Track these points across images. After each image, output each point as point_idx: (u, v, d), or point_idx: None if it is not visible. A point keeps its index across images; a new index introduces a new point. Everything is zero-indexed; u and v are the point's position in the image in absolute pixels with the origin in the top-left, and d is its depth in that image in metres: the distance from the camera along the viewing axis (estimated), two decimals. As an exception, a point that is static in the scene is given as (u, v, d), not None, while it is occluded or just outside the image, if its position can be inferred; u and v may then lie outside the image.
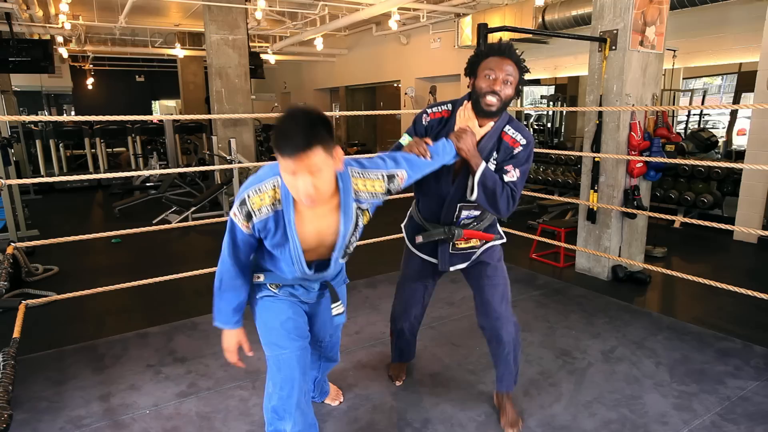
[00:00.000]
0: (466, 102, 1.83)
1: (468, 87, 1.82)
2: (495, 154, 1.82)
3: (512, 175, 1.78)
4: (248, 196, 1.42)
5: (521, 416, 2.07)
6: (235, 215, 1.45)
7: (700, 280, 2.88)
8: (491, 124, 1.80)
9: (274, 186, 1.42)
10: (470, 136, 1.74)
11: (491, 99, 1.72)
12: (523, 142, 1.81)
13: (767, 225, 4.84)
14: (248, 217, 1.44)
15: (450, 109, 1.88)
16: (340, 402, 2.18)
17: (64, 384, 2.35)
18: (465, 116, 1.81)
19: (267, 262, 1.60)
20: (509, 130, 1.82)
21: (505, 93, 1.73)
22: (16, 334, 2.33)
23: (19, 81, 10.93)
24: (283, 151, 1.28)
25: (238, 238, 1.50)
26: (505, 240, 2.05)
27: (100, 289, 2.98)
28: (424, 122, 1.88)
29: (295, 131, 1.27)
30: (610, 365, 2.51)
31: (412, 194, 2.05)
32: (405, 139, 1.85)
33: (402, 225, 2.17)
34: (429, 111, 1.89)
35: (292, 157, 1.27)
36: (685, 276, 2.99)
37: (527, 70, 1.79)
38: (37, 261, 4.22)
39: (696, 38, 6.23)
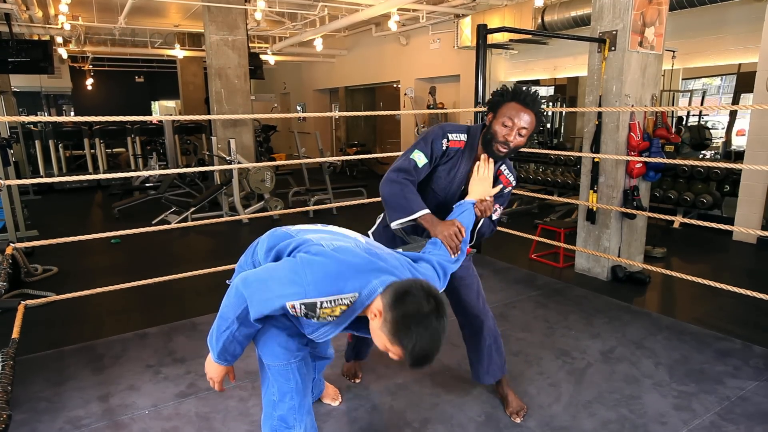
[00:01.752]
0: (485, 157, 1.86)
1: (486, 119, 1.86)
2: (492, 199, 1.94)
3: (498, 213, 1.95)
4: (321, 305, 1.29)
5: (524, 403, 2.15)
6: (294, 310, 1.30)
7: (700, 280, 2.88)
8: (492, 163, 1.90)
9: (351, 301, 1.31)
10: (491, 207, 1.85)
11: (502, 148, 1.81)
12: (513, 183, 1.98)
13: (766, 225, 4.84)
14: (309, 317, 1.33)
15: (465, 140, 1.89)
16: (340, 402, 2.18)
17: (63, 384, 2.35)
18: (483, 174, 1.84)
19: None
20: (505, 170, 1.95)
21: (516, 142, 1.80)
22: (15, 334, 2.33)
23: (19, 81, 10.92)
24: (409, 362, 1.25)
25: (275, 315, 1.40)
26: (475, 249, 2.08)
27: (99, 290, 2.98)
28: (443, 146, 1.87)
29: (434, 354, 1.26)
30: (609, 365, 2.51)
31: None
32: (420, 158, 1.84)
33: (370, 232, 2.10)
34: (450, 137, 1.88)
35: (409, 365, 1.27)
36: (684, 276, 2.99)
37: (545, 122, 1.86)
38: (37, 261, 4.21)
39: (695, 39, 6.24)
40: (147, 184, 8.10)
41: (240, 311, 1.35)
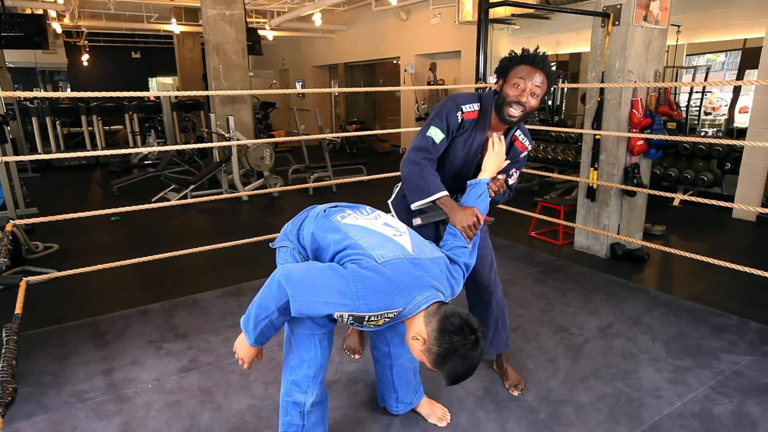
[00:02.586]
0: (497, 134, 1.84)
1: (496, 87, 1.82)
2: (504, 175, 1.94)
3: (515, 178, 1.97)
4: (368, 318, 1.37)
5: (523, 377, 2.19)
6: (342, 318, 1.38)
7: (698, 257, 2.89)
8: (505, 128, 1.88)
9: (396, 314, 1.38)
10: (503, 185, 1.85)
11: (514, 111, 1.75)
12: (529, 147, 1.97)
13: (766, 203, 4.84)
14: (354, 325, 1.42)
15: (478, 109, 1.85)
16: (447, 423, 1.96)
17: (67, 359, 2.38)
18: (497, 150, 1.82)
19: None
20: (520, 135, 1.94)
21: (530, 105, 1.75)
22: (18, 310, 2.35)
23: (13, 57, 10.78)
24: (447, 383, 1.37)
25: (312, 318, 1.49)
26: (492, 218, 2.07)
27: (100, 267, 2.99)
28: (458, 119, 1.83)
29: (470, 375, 1.37)
30: (606, 341, 2.54)
31: (396, 173, 1.98)
32: (437, 134, 1.82)
33: (389, 202, 2.12)
34: (464, 108, 1.84)
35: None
36: (683, 253, 3.00)
37: (556, 82, 1.82)
38: (37, 239, 4.22)
39: (701, 13, 6.12)
40: (146, 162, 8.06)
41: (281, 303, 1.37)
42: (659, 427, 1.90)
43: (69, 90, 14.26)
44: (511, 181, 1.96)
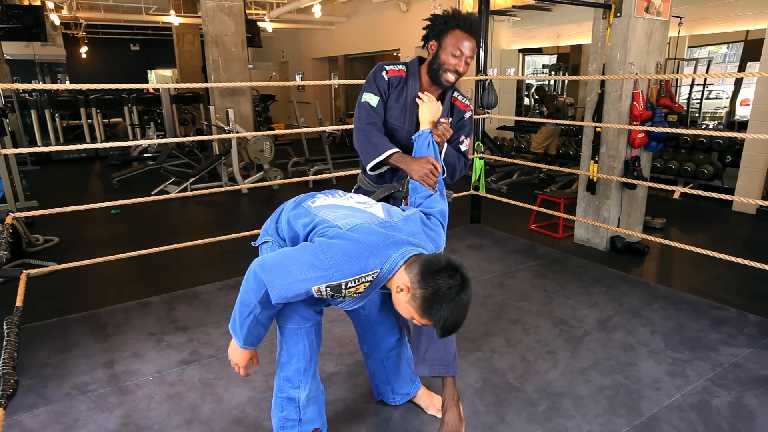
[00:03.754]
0: (430, 95, 1.85)
1: (429, 48, 1.84)
2: (449, 119, 1.94)
3: (466, 144, 1.96)
4: (346, 286, 1.32)
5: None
6: (320, 293, 1.33)
7: (698, 250, 2.90)
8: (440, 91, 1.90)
9: (374, 277, 1.34)
10: (449, 129, 1.84)
11: (452, 77, 1.81)
12: (470, 104, 1.98)
13: (767, 196, 4.84)
14: (335, 298, 1.37)
15: (404, 69, 1.89)
16: (438, 410, 1.92)
17: (68, 351, 2.39)
18: (426, 100, 1.84)
19: None
20: (459, 96, 1.96)
21: (464, 71, 1.82)
22: (18, 302, 2.35)
23: (11, 49, 10.72)
24: (439, 333, 1.33)
25: (299, 300, 1.43)
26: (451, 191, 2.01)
27: (100, 259, 2.99)
28: (385, 77, 1.87)
29: (462, 323, 1.34)
30: (606, 333, 2.54)
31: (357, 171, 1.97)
32: (371, 98, 1.85)
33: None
34: (387, 68, 1.88)
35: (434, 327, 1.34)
36: (682, 246, 3.00)
37: (480, 44, 1.88)
38: (37, 232, 4.23)
39: (703, 4, 6.09)
40: (145, 155, 8.05)
41: (261, 295, 1.35)
42: (658, 419, 1.91)
43: (68, 82, 14.21)
44: (463, 148, 1.96)
